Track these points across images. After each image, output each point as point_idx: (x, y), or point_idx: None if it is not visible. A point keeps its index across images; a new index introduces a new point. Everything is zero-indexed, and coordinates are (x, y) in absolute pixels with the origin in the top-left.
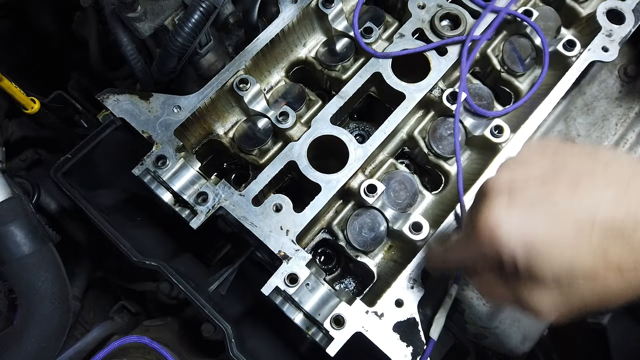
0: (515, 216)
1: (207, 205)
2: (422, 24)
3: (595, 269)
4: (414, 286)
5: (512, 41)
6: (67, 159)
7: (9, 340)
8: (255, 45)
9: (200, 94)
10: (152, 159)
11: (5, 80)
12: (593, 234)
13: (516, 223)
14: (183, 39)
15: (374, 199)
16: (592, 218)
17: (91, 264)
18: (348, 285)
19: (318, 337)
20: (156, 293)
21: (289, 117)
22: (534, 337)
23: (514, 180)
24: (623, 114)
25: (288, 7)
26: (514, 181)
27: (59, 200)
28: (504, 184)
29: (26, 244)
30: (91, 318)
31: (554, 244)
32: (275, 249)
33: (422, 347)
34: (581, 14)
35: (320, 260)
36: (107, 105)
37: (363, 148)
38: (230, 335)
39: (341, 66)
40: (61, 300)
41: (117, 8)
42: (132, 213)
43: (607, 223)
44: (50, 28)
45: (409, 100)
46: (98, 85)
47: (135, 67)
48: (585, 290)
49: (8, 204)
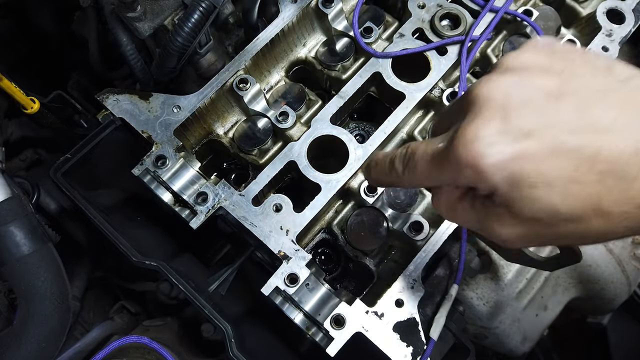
0: (507, 146)
1: (207, 205)
2: (422, 23)
3: (581, 215)
4: (414, 286)
5: (512, 41)
6: (66, 159)
7: (8, 340)
8: (255, 45)
9: (200, 93)
10: (151, 159)
11: (4, 80)
12: (592, 175)
13: (507, 155)
14: (183, 38)
15: (373, 199)
16: (596, 152)
17: (91, 264)
18: (348, 285)
19: (318, 337)
20: (156, 293)
21: (289, 117)
22: (534, 337)
23: (512, 95)
24: None
25: (288, 6)
26: (511, 97)
27: (58, 200)
28: (499, 98)
29: (26, 244)
30: (91, 318)
31: (544, 185)
32: (275, 249)
33: (422, 347)
34: (581, 14)
35: (320, 260)
36: (107, 105)
37: (363, 148)
38: (230, 336)
39: (341, 66)
40: (61, 301)
41: (117, 8)
42: (132, 213)
43: (610, 160)
44: (50, 28)
45: (409, 100)
46: (98, 85)
47: (134, 67)
48: (563, 231)
49: (8, 204)
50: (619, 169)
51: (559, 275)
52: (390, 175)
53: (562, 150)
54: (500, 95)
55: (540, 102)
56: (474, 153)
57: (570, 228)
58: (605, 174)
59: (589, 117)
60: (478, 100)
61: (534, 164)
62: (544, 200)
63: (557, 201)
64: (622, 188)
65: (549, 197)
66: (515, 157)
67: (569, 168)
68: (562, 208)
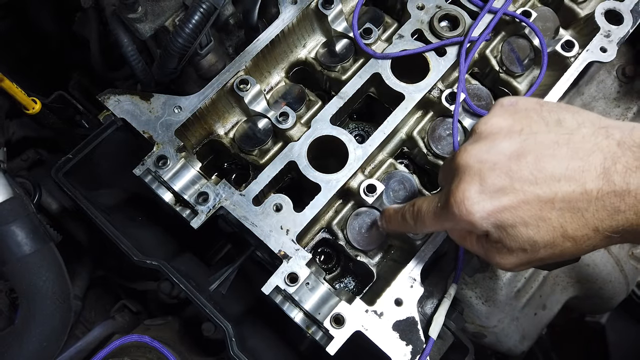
0: (487, 202)
1: (208, 205)
2: (421, 24)
3: (554, 242)
4: (413, 285)
5: (511, 42)
6: (68, 159)
7: (10, 339)
8: (256, 46)
9: (201, 94)
10: (153, 159)
11: (6, 81)
12: (553, 213)
13: (489, 209)
14: (183, 39)
15: (373, 199)
16: (552, 197)
17: (92, 264)
18: (348, 285)
19: (318, 336)
20: (157, 292)
21: (289, 117)
22: (533, 336)
23: (484, 161)
24: (621, 114)
25: (288, 8)
26: (483, 162)
27: (60, 200)
28: (475, 165)
29: (27, 243)
30: (92, 317)
31: (521, 225)
32: (276, 248)
33: (421, 346)
34: (579, 15)
35: (320, 260)
36: (108, 105)
37: (362, 148)
38: (230, 335)
39: (341, 67)
40: (62, 300)
41: (118, 9)
42: (133, 213)
43: (565, 200)
44: (51, 28)
45: (408, 100)
46: (99, 85)
47: (136, 67)
48: (545, 254)
49: (9, 204)
50: (572, 205)
51: (557, 274)
52: (405, 227)
53: (528, 199)
54: (476, 162)
55: (506, 163)
56: (464, 211)
57: (549, 252)
58: (563, 210)
59: (544, 169)
60: (459, 167)
61: (510, 212)
62: (524, 235)
63: (533, 234)
64: (577, 217)
65: (527, 233)
66: (495, 210)
67: (536, 210)
68: (538, 239)
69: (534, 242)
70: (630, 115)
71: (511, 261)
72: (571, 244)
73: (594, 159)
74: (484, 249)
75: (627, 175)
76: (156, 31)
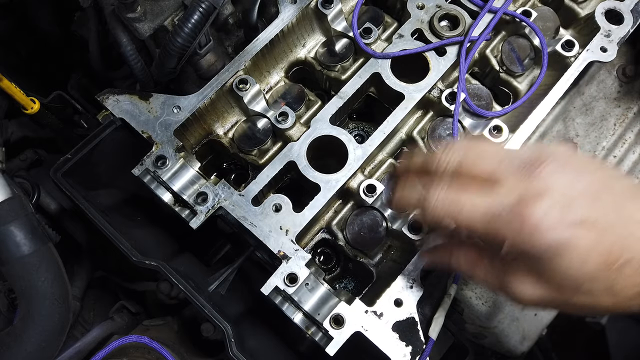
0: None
1: (207, 205)
2: (421, 24)
3: (595, 292)
4: (413, 286)
5: (511, 41)
6: (67, 159)
7: (8, 340)
8: (255, 45)
9: (200, 94)
10: (151, 159)
11: (5, 81)
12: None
13: (565, 235)
14: (183, 39)
15: (373, 199)
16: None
17: (91, 264)
18: (347, 285)
19: (317, 336)
20: (156, 293)
21: (289, 117)
22: (533, 336)
23: (569, 190)
24: (621, 114)
25: (287, 7)
26: (568, 192)
27: (58, 200)
28: (560, 192)
29: (26, 244)
30: (91, 318)
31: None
32: (275, 248)
33: (421, 347)
34: (580, 15)
35: (320, 260)
36: (107, 105)
37: (362, 148)
38: (230, 335)
39: (340, 66)
40: (61, 300)
41: (117, 8)
42: (132, 213)
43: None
44: (50, 28)
45: (408, 100)
46: (98, 85)
47: (134, 67)
48: (577, 301)
49: (8, 204)
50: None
51: None
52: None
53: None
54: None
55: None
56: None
57: (581, 299)
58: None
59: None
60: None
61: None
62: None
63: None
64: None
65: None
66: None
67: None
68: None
69: (578, 283)
70: (631, 115)
71: (535, 292)
72: (609, 298)
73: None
74: (500, 270)
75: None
76: (155, 31)
